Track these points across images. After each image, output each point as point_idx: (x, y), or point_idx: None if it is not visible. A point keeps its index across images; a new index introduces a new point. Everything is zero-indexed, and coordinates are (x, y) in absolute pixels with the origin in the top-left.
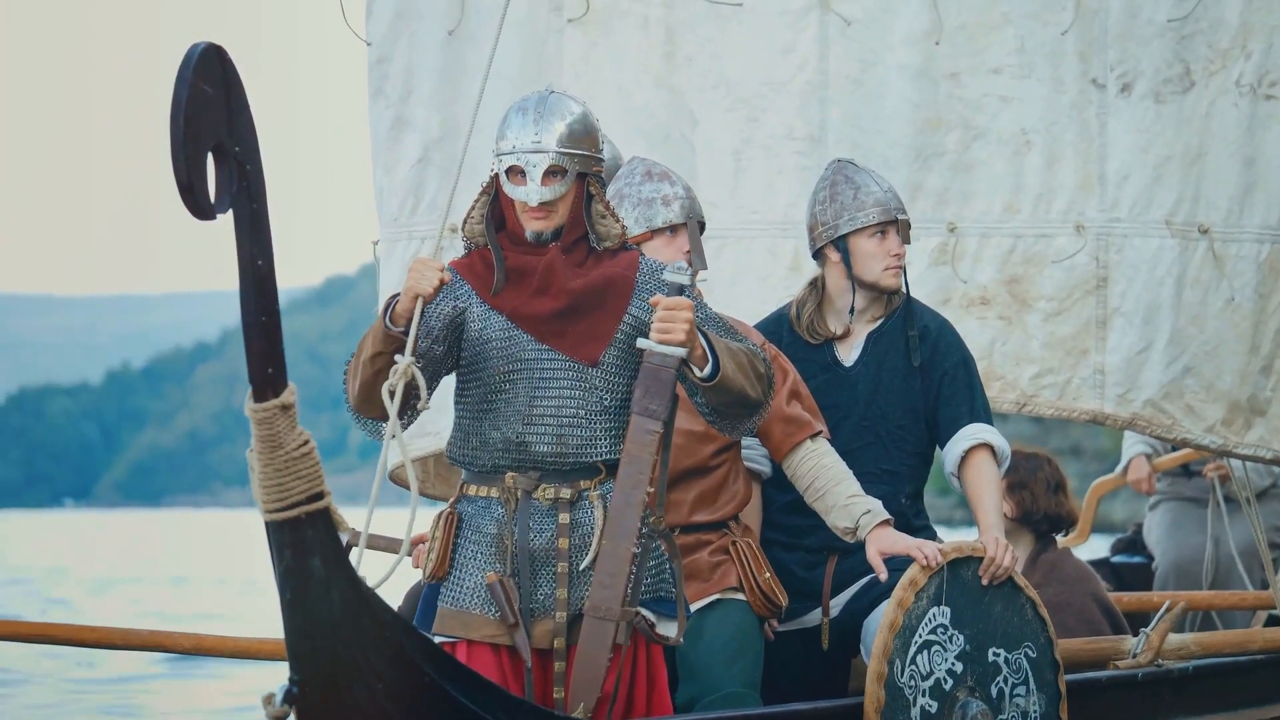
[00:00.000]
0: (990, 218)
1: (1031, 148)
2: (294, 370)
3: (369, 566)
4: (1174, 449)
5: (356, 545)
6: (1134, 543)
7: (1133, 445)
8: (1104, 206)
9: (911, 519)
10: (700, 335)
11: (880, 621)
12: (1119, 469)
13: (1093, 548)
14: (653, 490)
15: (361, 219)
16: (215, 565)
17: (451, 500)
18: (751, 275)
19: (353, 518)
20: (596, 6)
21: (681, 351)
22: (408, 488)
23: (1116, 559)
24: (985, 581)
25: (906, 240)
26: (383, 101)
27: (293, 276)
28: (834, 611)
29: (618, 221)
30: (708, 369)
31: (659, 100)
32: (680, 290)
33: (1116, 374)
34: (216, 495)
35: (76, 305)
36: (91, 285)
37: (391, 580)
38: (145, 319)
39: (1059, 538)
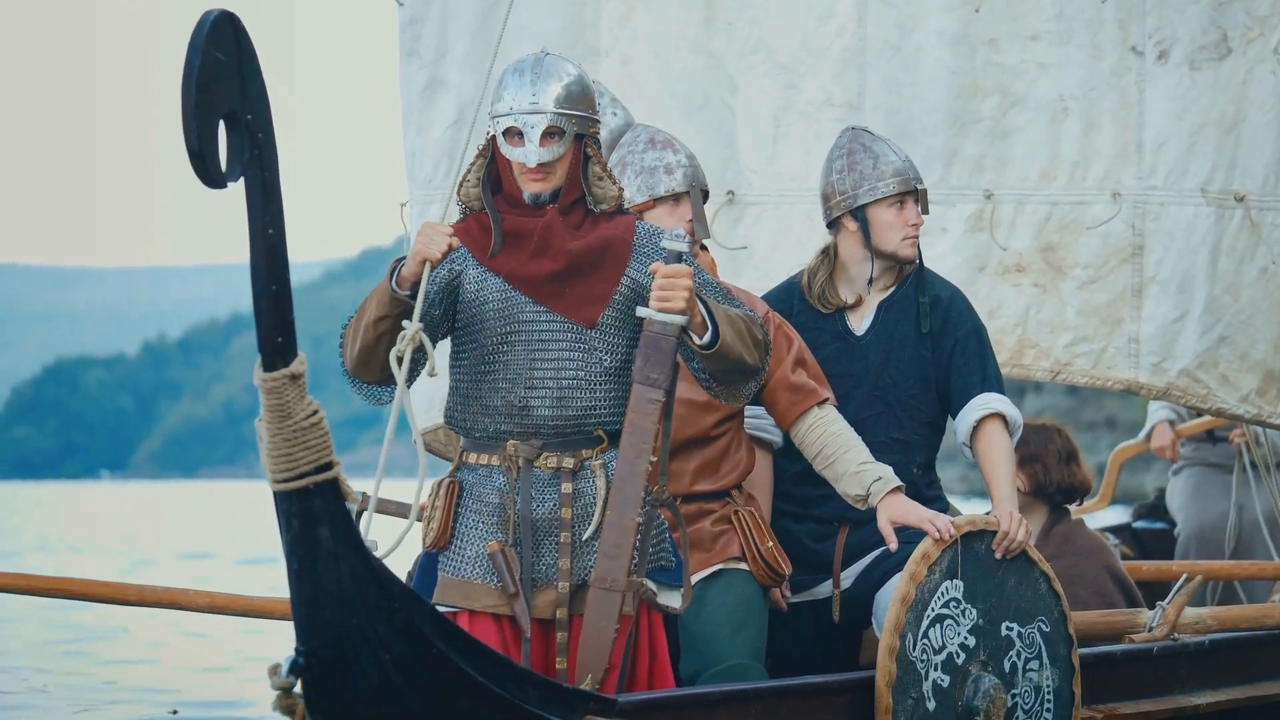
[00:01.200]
0: (1027, 185)
1: (1069, 115)
2: (330, 342)
3: (378, 531)
4: (1200, 416)
5: (366, 510)
6: (1156, 508)
7: (1156, 411)
8: (1141, 174)
9: (924, 489)
10: (699, 302)
11: (892, 594)
12: (1142, 435)
13: (1116, 514)
14: (655, 459)
15: (398, 189)
16: (249, 536)
17: (451, 468)
18: (791, 240)
19: (386, 490)
20: None
21: (681, 319)
22: (437, 454)
23: (1138, 524)
24: (999, 555)
25: (925, 210)
26: (416, 62)
27: (329, 249)
28: (845, 583)
29: (615, 184)
30: (707, 336)
31: (698, 65)
32: (679, 257)
33: (1151, 343)
34: (251, 467)
35: (112, 277)
36: (127, 257)
37: (401, 548)
38: (181, 291)
39: (1073, 507)
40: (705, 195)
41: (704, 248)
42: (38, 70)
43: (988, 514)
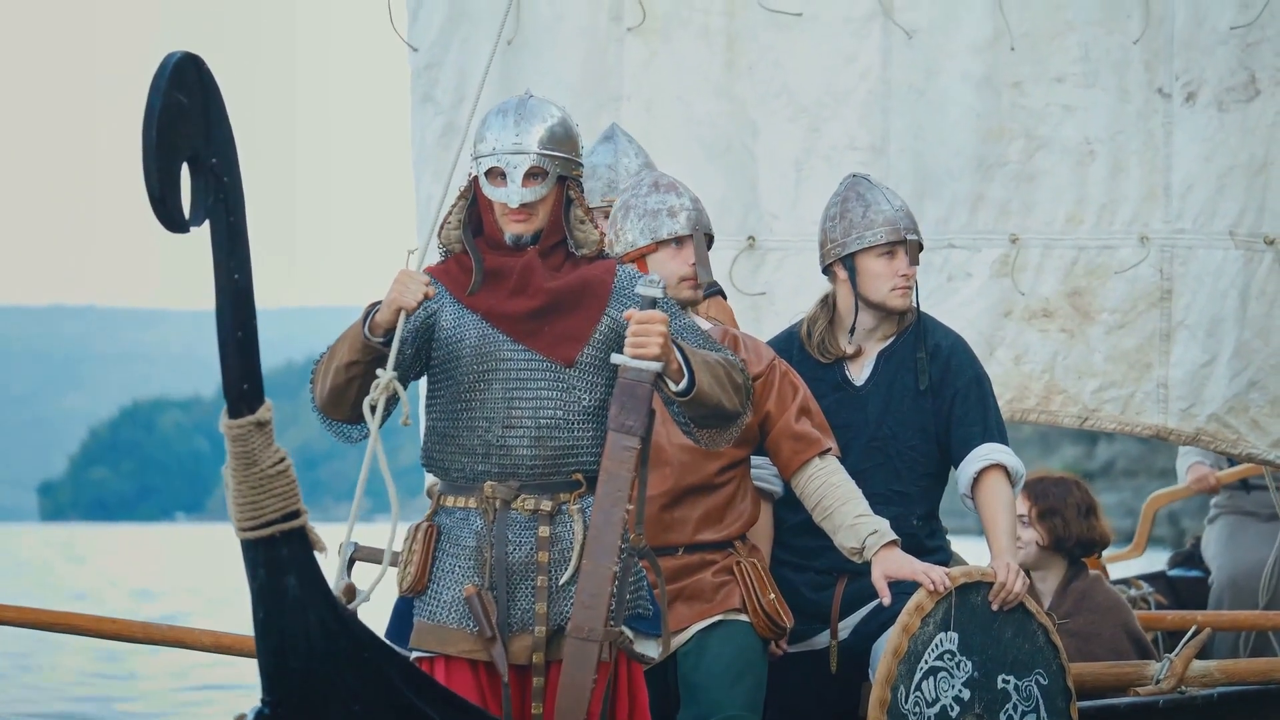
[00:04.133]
0: (1053, 229)
1: (1095, 158)
2: None
3: (359, 578)
4: (1233, 463)
5: (356, 559)
6: (1192, 556)
7: (1186, 455)
8: (1168, 217)
9: (924, 540)
10: (675, 348)
11: (884, 646)
12: (1183, 483)
13: (1151, 561)
14: (632, 508)
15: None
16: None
17: (428, 512)
18: (813, 287)
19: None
20: (656, 15)
21: (656, 366)
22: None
23: (1173, 573)
24: (995, 607)
25: (915, 261)
26: (431, 108)
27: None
28: (843, 634)
29: (596, 228)
30: (683, 383)
31: (720, 109)
32: (653, 304)
33: (1180, 388)
34: (326, 510)
35: (188, 319)
36: (204, 300)
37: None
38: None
39: (1105, 555)
40: (710, 240)
41: (723, 295)
42: (113, 110)
43: (984, 566)
